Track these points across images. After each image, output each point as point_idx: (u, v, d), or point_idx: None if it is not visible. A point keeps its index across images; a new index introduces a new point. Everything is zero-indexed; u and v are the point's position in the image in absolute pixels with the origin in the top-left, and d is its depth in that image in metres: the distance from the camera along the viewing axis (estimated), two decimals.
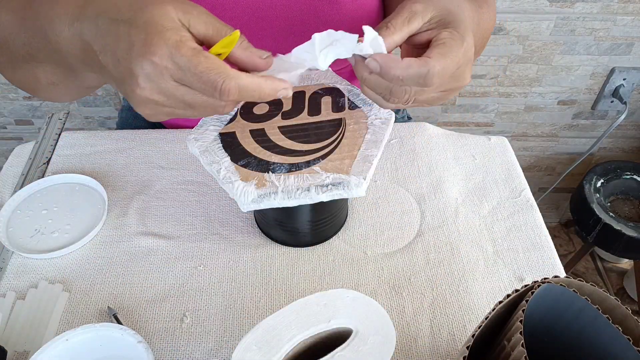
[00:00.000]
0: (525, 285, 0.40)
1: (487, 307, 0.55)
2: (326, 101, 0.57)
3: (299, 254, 0.59)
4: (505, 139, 0.73)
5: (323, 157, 0.51)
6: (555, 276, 0.40)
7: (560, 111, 1.36)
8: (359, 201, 0.64)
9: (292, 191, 0.48)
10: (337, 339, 0.43)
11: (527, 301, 0.38)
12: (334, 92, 0.58)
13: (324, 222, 0.58)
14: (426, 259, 0.59)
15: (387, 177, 0.67)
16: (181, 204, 0.64)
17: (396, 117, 0.86)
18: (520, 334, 0.36)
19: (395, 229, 0.62)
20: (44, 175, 0.67)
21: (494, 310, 0.40)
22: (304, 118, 0.55)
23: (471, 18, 0.47)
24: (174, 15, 0.37)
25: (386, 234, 0.61)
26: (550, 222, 1.67)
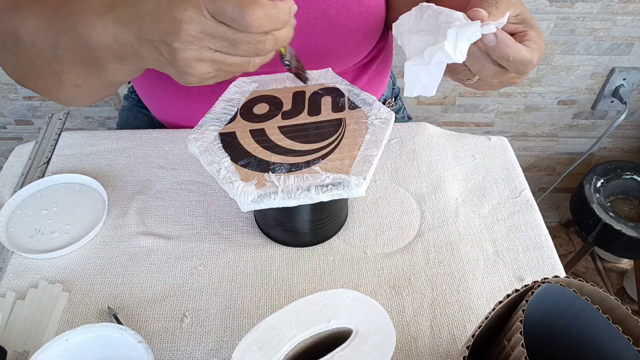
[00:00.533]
0: (525, 285, 0.40)
1: (487, 307, 0.55)
2: (326, 101, 0.57)
3: (299, 254, 0.59)
4: (505, 139, 0.73)
5: (323, 157, 0.51)
6: (555, 276, 0.40)
7: (560, 111, 1.36)
8: (359, 201, 0.64)
9: (292, 191, 0.49)
10: (337, 339, 0.43)
11: (527, 301, 0.38)
12: (334, 92, 0.58)
13: (324, 222, 0.58)
14: (426, 259, 0.59)
15: (387, 177, 0.67)
16: (181, 204, 0.64)
17: (396, 117, 0.86)
18: (520, 334, 0.36)
19: (395, 229, 0.62)
20: (44, 175, 0.67)
21: (494, 310, 0.40)
22: (304, 118, 0.55)
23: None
24: None
25: (386, 234, 0.61)
26: (550, 222, 1.67)
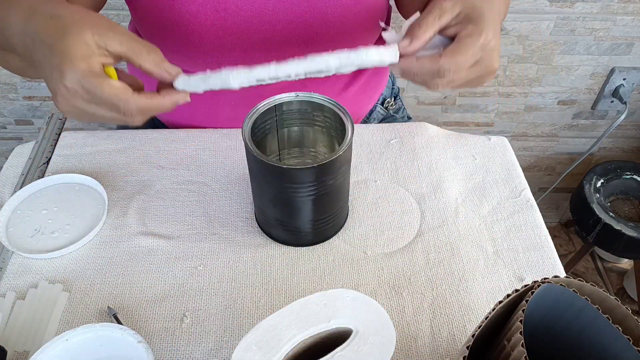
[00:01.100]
0: (525, 285, 0.40)
1: (487, 307, 0.55)
2: None
3: (299, 254, 0.59)
4: (505, 139, 0.73)
5: None
6: (555, 276, 0.40)
7: (560, 111, 1.36)
8: (359, 201, 0.65)
9: None
10: (337, 339, 0.43)
11: (527, 301, 0.38)
12: None
13: (325, 222, 0.58)
14: (426, 259, 0.59)
15: (387, 177, 0.67)
16: (181, 204, 0.64)
17: (396, 117, 0.86)
18: (520, 334, 0.36)
19: (395, 229, 0.62)
20: (44, 175, 0.67)
21: (494, 310, 0.40)
22: None
23: (492, 9, 0.53)
24: (90, 40, 0.43)
25: (386, 234, 0.61)
26: (550, 222, 1.67)
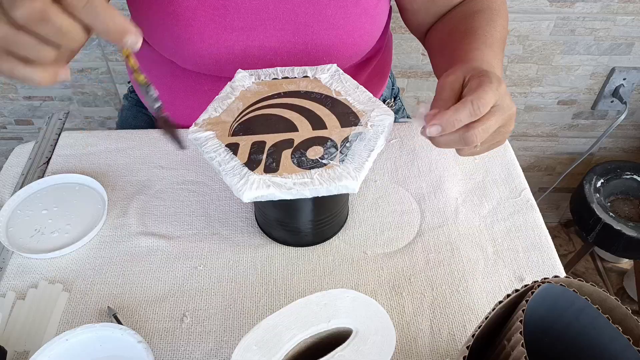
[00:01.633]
0: (525, 285, 0.40)
1: (487, 307, 0.55)
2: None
3: (299, 254, 0.59)
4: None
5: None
6: (555, 276, 0.40)
7: (560, 111, 1.36)
8: (359, 201, 0.64)
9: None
10: (337, 339, 0.43)
11: (527, 301, 0.38)
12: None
13: (325, 222, 0.58)
14: (426, 259, 0.59)
15: (387, 177, 0.67)
16: (181, 204, 0.64)
17: (396, 117, 0.86)
18: (520, 334, 0.36)
19: (395, 229, 0.62)
20: (44, 175, 0.67)
21: (494, 310, 0.40)
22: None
23: (491, 64, 0.55)
24: None
25: (386, 234, 0.61)
26: (550, 222, 1.67)
